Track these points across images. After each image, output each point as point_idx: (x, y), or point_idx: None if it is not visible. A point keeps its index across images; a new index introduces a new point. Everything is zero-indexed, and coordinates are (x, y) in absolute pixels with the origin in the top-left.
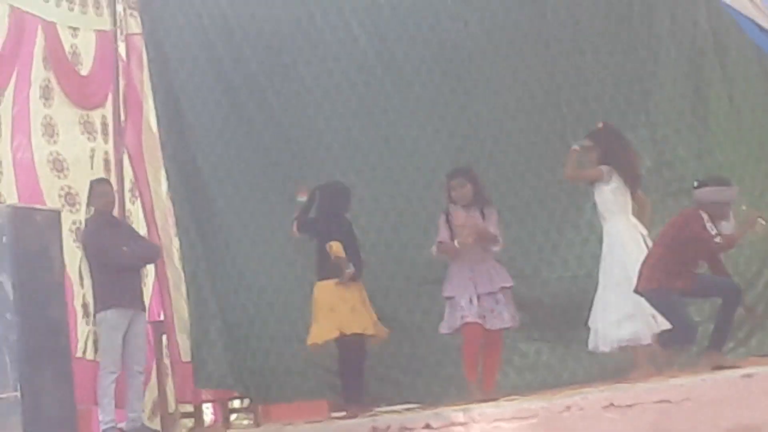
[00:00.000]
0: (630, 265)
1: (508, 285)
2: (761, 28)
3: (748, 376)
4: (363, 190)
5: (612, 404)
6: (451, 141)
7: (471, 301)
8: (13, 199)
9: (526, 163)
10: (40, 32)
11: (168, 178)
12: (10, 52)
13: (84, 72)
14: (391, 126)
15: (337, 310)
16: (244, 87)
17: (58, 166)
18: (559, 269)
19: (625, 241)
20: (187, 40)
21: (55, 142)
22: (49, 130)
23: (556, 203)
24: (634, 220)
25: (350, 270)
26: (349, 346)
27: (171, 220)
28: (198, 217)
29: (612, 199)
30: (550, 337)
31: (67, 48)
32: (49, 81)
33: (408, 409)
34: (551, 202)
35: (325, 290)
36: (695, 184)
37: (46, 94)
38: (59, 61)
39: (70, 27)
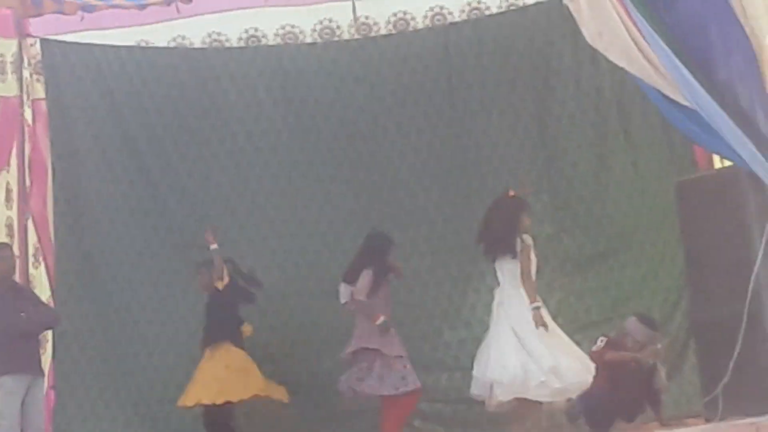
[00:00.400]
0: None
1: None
2: (665, 96)
3: None
4: (268, 255)
5: None
6: (357, 204)
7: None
8: None
9: (431, 225)
10: None
11: (55, 238)
12: None
13: None
14: (298, 191)
15: (224, 378)
16: (149, 151)
17: None
18: (462, 332)
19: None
20: (92, 103)
21: None
22: None
23: (460, 267)
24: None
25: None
26: (218, 413)
27: None
28: (84, 283)
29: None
30: (451, 398)
31: None
32: None
33: None
34: (455, 266)
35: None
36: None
37: None
38: None
39: None
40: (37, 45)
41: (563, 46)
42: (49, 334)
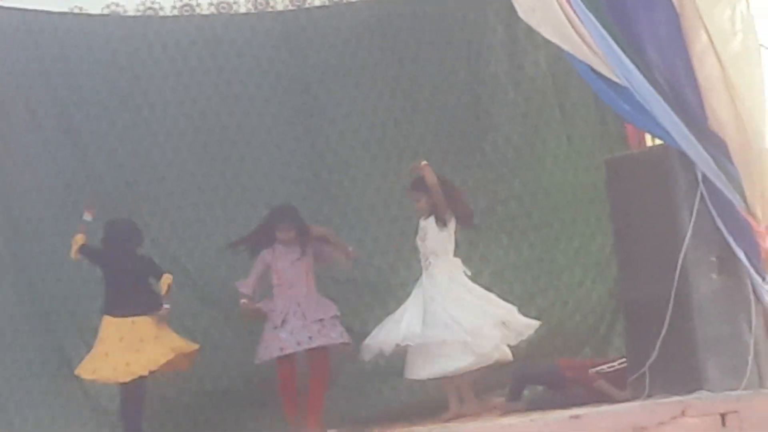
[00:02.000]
0: (450, 307)
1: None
2: (598, 74)
3: (576, 417)
4: (198, 225)
5: None
6: (287, 173)
7: (291, 331)
8: None
9: (365, 196)
10: None
11: None
12: None
13: None
14: (227, 159)
15: (136, 348)
16: (78, 115)
17: None
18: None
19: (446, 281)
20: (23, 67)
21: None
22: None
23: (397, 236)
24: (456, 260)
25: (167, 308)
26: (134, 385)
27: None
28: (12, 251)
29: (447, 241)
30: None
31: None
32: None
33: None
34: (394, 234)
35: (114, 325)
36: None
37: None
38: None
39: None
40: None
41: (497, 19)
42: None
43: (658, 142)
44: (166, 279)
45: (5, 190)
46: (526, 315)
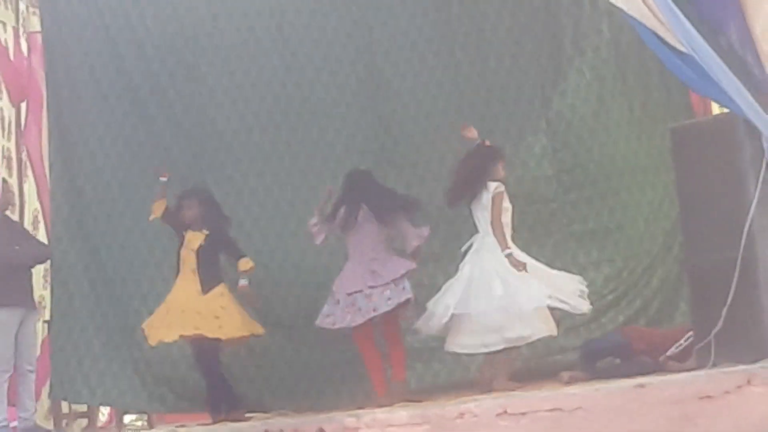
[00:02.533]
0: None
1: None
2: (662, 40)
3: (642, 386)
4: (264, 195)
5: (506, 411)
6: (352, 144)
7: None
8: None
9: (427, 166)
10: None
11: (50, 172)
12: None
13: None
14: (293, 129)
15: (203, 314)
16: (145, 86)
17: None
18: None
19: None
20: (88, 37)
21: None
22: None
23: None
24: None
25: (244, 284)
26: (204, 349)
27: None
28: (75, 215)
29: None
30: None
31: None
32: None
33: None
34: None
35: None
36: None
37: None
38: None
39: None
40: None
41: None
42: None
43: (723, 110)
44: (246, 263)
45: (72, 161)
46: (592, 283)
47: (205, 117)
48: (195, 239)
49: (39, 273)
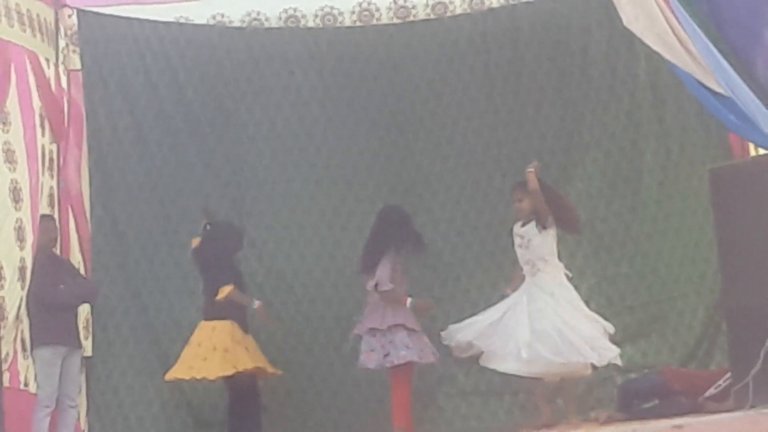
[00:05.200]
0: (558, 308)
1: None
2: (701, 84)
3: (679, 427)
4: (303, 243)
5: None
6: (393, 194)
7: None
8: None
9: (462, 212)
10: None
11: (91, 215)
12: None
13: None
14: (333, 178)
15: (231, 351)
16: (185, 129)
17: None
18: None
19: (557, 286)
20: (128, 78)
21: None
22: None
23: (487, 251)
24: (560, 264)
25: (257, 304)
26: (243, 385)
27: None
28: (116, 259)
29: (553, 244)
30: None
31: None
32: None
33: None
34: (481, 250)
35: (217, 330)
36: None
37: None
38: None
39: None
40: (75, 16)
41: (600, 33)
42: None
43: (762, 151)
44: (225, 289)
45: (112, 204)
46: (626, 328)
47: (245, 164)
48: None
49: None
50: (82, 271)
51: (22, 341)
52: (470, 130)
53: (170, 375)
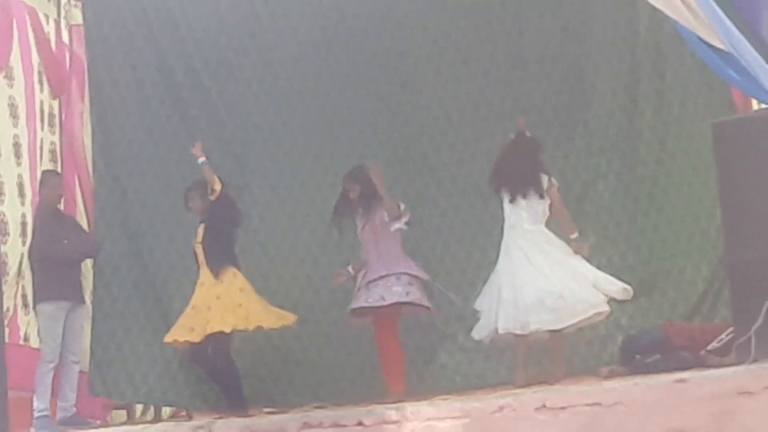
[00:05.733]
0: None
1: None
2: (703, 40)
3: (682, 381)
4: (306, 201)
5: (544, 406)
6: (396, 149)
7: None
8: None
9: (464, 169)
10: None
11: (94, 171)
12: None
13: None
14: (335, 135)
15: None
16: (187, 85)
17: None
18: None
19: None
20: (130, 33)
21: None
22: None
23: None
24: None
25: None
26: (218, 345)
27: None
28: (118, 215)
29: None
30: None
31: None
32: None
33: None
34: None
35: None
36: None
37: None
38: None
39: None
40: None
41: None
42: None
43: (764, 105)
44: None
45: (114, 160)
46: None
47: (248, 119)
48: (200, 231)
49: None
50: (85, 226)
51: (23, 297)
52: (473, 87)
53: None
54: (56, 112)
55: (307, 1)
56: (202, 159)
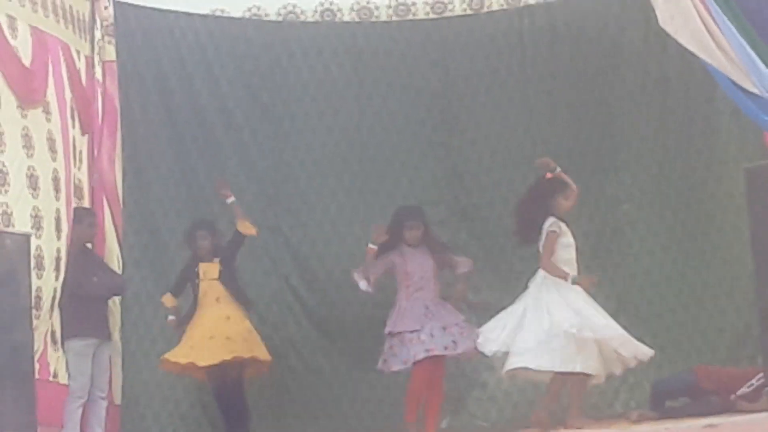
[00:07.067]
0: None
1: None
2: (735, 84)
3: (712, 426)
4: (337, 240)
5: None
6: (427, 191)
7: (432, 334)
8: None
9: (496, 214)
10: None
11: (123, 209)
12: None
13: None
14: (367, 175)
15: (233, 338)
16: (219, 123)
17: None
18: None
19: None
20: (163, 71)
21: (2, 152)
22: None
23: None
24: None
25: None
26: (231, 377)
27: None
28: (147, 255)
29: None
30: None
31: None
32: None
33: None
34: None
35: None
36: None
37: None
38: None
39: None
40: (111, 7)
41: (634, 32)
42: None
43: None
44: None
45: (145, 197)
46: (655, 335)
47: (281, 160)
48: (212, 269)
49: None
50: (117, 262)
51: (52, 333)
52: (505, 128)
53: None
54: (84, 148)
55: (340, 40)
56: (231, 199)
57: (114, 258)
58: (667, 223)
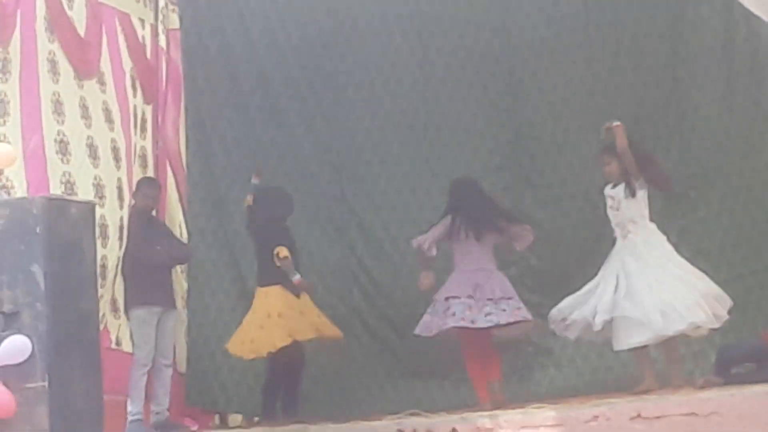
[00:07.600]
0: (650, 271)
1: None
2: None
3: None
4: (401, 207)
5: (639, 415)
6: (491, 158)
7: (470, 306)
8: (22, 186)
9: (560, 179)
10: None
11: (188, 178)
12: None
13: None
14: (430, 142)
15: (285, 316)
16: (284, 92)
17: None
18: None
19: (647, 249)
20: (228, 39)
21: (62, 122)
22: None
23: (587, 219)
24: (653, 225)
25: (297, 278)
26: (290, 355)
27: None
28: (212, 223)
29: (643, 206)
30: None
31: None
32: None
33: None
34: (580, 217)
35: (270, 296)
36: None
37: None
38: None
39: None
40: None
41: None
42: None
43: None
44: (283, 250)
45: (209, 166)
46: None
47: (345, 128)
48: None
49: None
50: (184, 230)
51: (113, 301)
52: (568, 93)
53: (231, 348)
54: (148, 117)
55: (404, 6)
56: (255, 181)
57: (177, 226)
58: (733, 188)
